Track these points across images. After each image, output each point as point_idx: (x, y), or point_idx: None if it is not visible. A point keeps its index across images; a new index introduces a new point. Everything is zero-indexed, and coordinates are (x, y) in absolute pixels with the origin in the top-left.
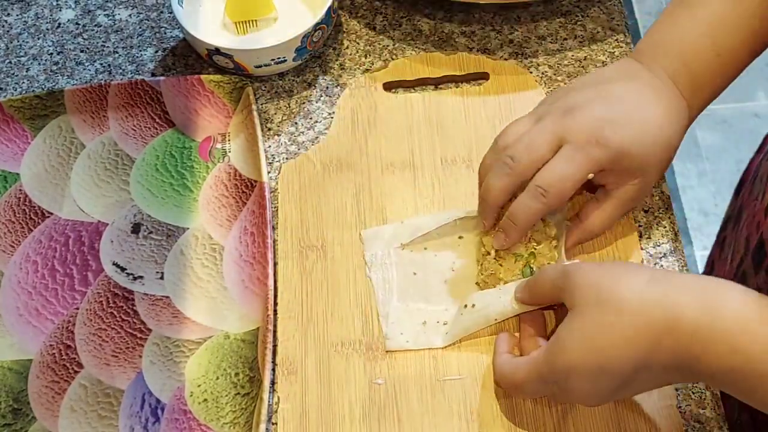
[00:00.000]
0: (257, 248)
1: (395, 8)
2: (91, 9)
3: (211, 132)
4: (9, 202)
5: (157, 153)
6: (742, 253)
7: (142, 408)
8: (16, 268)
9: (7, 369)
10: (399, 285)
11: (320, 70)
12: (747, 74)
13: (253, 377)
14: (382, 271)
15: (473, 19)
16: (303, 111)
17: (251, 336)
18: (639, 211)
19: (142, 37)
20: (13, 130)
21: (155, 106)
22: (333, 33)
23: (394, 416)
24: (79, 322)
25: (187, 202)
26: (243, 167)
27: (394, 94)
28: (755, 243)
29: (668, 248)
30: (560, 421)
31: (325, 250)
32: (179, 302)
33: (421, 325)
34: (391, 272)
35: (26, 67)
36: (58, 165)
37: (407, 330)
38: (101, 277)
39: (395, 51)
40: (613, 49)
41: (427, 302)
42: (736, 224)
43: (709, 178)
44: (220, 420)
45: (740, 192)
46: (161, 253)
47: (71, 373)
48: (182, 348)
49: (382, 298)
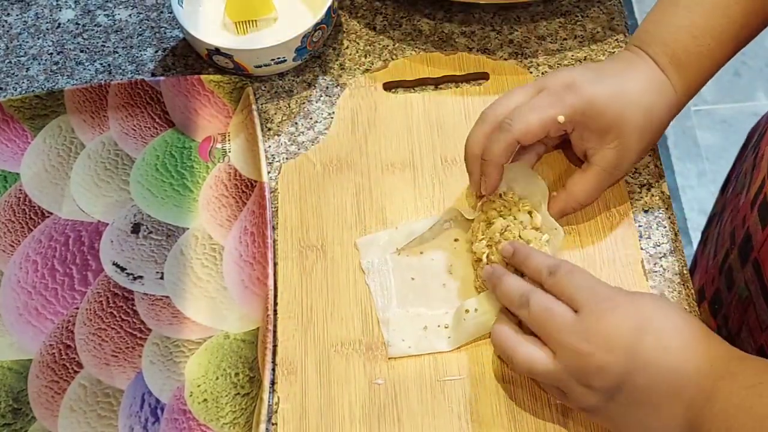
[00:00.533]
0: (257, 248)
1: (395, 8)
2: (91, 9)
3: (211, 132)
4: (9, 202)
5: (157, 153)
6: (728, 247)
7: (141, 408)
8: (16, 267)
9: (6, 369)
10: (398, 291)
11: (320, 70)
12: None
13: (253, 377)
14: (380, 277)
15: (473, 19)
16: (303, 111)
17: (251, 336)
18: (639, 211)
19: (142, 37)
20: (13, 130)
21: (155, 106)
22: (333, 33)
23: (394, 416)
24: (79, 321)
25: (187, 202)
26: (243, 167)
27: (394, 94)
28: (742, 237)
29: (668, 248)
30: (560, 421)
31: (325, 251)
32: (179, 302)
33: (422, 330)
34: (388, 278)
35: (26, 67)
36: (58, 165)
37: (409, 336)
38: (101, 277)
39: (395, 51)
40: (613, 49)
41: (427, 307)
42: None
43: (709, 178)
44: (219, 420)
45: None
46: (161, 253)
47: (71, 372)
48: (182, 348)
49: (382, 304)
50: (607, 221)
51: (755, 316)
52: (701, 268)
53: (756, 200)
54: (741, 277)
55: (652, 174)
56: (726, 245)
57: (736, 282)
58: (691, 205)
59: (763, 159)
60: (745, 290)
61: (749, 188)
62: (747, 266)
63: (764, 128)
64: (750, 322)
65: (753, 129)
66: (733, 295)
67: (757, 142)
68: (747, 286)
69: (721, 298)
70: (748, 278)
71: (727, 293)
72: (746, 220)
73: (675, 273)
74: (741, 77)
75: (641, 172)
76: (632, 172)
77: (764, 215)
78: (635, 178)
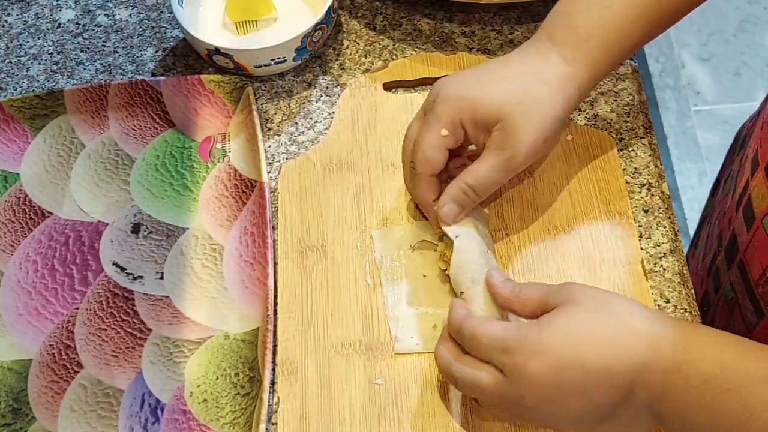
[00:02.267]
0: (257, 248)
1: (395, 8)
2: (91, 9)
3: (211, 132)
4: (9, 202)
5: (157, 153)
6: (715, 249)
7: (141, 408)
8: (16, 267)
9: (7, 369)
10: (408, 289)
11: (320, 70)
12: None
13: (253, 377)
14: (392, 273)
15: (473, 19)
16: (303, 111)
17: (251, 336)
18: (639, 211)
19: (142, 37)
20: (13, 130)
21: (155, 106)
22: (333, 33)
23: (394, 417)
24: (79, 322)
25: (187, 202)
26: (243, 167)
27: (394, 94)
28: (728, 239)
29: (668, 248)
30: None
31: (325, 250)
32: (179, 302)
33: (432, 329)
34: (400, 275)
35: (26, 67)
36: (58, 165)
37: (417, 333)
38: (101, 277)
39: (395, 51)
40: None
41: (436, 306)
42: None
43: (709, 178)
44: (219, 420)
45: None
46: (161, 253)
47: (71, 373)
48: (182, 348)
49: (392, 301)
50: (607, 221)
51: (741, 317)
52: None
53: (741, 202)
54: (727, 278)
55: (652, 174)
56: (714, 247)
57: (723, 284)
58: (691, 205)
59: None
60: (731, 292)
61: (734, 190)
62: (733, 268)
63: (749, 130)
64: (736, 323)
65: (739, 131)
66: (719, 297)
67: (743, 144)
68: (732, 288)
69: (709, 300)
70: (733, 280)
71: (714, 295)
72: (732, 222)
73: (675, 273)
74: (741, 77)
75: (641, 172)
76: (632, 172)
77: (748, 217)
78: (635, 178)
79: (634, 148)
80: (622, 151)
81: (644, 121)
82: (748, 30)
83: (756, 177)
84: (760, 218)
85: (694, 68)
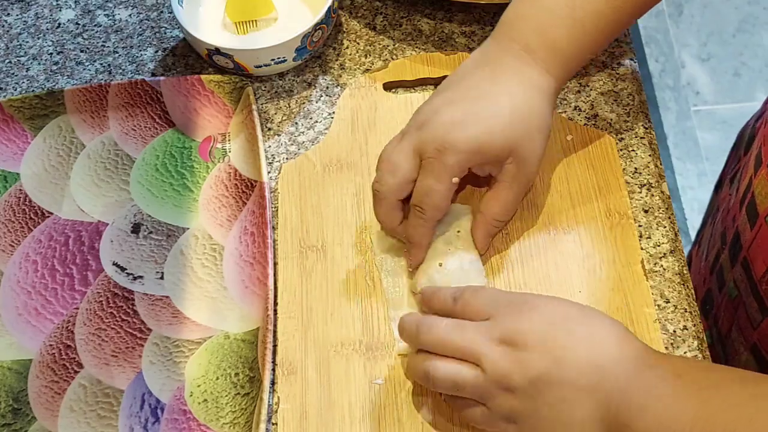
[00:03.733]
0: (257, 248)
1: (395, 8)
2: (91, 9)
3: (211, 132)
4: (9, 202)
5: (157, 153)
6: (719, 247)
7: (141, 408)
8: (16, 267)
9: (6, 369)
10: (408, 289)
11: (320, 70)
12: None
13: (253, 377)
14: (393, 275)
15: (473, 19)
16: (303, 111)
17: (251, 336)
18: (639, 211)
19: (142, 37)
20: (13, 130)
21: (155, 106)
22: (333, 33)
23: (394, 417)
24: (79, 322)
25: (187, 202)
26: (243, 167)
27: (394, 94)
28: (732, 237)
29: (668, 248)
30: None
31: (325, 251)
32: (179, 302)
33: None
34: (400, 275)
35: (26, 67)
36: (58, 165)
37: None
38: (101, 277)
39: (395, 51)
40: (612, 49)
41: None
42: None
43: (709, 178)
44: (219, 420)
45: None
46: (161, 253)
47: (71, 372)
48: (182, 348)
49: (393, 303)
50: (607, 221)
51: (745, 314)
52: (694, 269)
53: (744, 199)
54: (731, 276)
55: (652, 174)
56: (717, 246)
57: (727, 282)
58: (691, 205)
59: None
60: (735, 290)
61: (738, 188)
62: (736, 266)
63: (752, 129)
64: (740, 321)
65: (742, 129)
66: (723, 295)
67: (747, 143)
68: (736, 286)
69: (712, 298)
70: (737, 277)
71: (718, 293)
72: (735, 220)
73: (675, 273)
74: (741, 77)
75: (641, 172)
76: (632, 172)
77: (752, 214)
78: (635, 178)
79: (634, 148)
80: (622, 151)
81: (644, 121)
82: (748, 30)
83: (759, 174)
84: (764, 216)
85: (693, 68)
